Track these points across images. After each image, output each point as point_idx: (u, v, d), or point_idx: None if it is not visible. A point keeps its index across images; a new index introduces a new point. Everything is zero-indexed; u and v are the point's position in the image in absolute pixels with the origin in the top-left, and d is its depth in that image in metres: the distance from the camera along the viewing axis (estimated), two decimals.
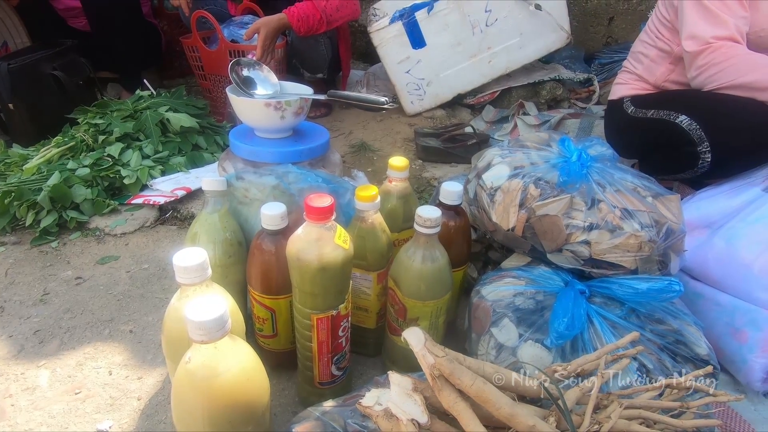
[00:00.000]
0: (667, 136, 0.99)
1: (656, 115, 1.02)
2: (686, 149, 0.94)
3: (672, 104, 1.00)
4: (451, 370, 0.40)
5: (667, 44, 1.05)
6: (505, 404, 0.40)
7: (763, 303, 0.73)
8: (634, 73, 1.15)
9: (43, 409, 0.70)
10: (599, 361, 0.47)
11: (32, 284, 0.97)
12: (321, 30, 1.48)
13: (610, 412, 0.43)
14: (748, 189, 0.84)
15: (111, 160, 1.25)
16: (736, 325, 0.75)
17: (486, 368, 0.44)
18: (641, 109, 1.08)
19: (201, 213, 0.71)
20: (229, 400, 0.45)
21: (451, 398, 0.40)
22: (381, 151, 1.57)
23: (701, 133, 0.92)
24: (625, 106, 1.13)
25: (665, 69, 1.07)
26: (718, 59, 0.89)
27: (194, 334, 0.42)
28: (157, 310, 0.91)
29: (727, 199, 0.85)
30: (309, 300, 0.59)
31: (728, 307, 0.76)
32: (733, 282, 0.76)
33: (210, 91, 1.67)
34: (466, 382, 0.40)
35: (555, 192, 0.68)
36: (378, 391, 0.47)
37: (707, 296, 0.79)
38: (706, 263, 0.80)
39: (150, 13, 1.92)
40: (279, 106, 0.90)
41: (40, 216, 1.11)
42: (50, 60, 1.47)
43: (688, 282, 0.83)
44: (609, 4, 2.26)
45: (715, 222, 0.83)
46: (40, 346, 0.82)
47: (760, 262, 0.73)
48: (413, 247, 0.65)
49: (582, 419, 0.42)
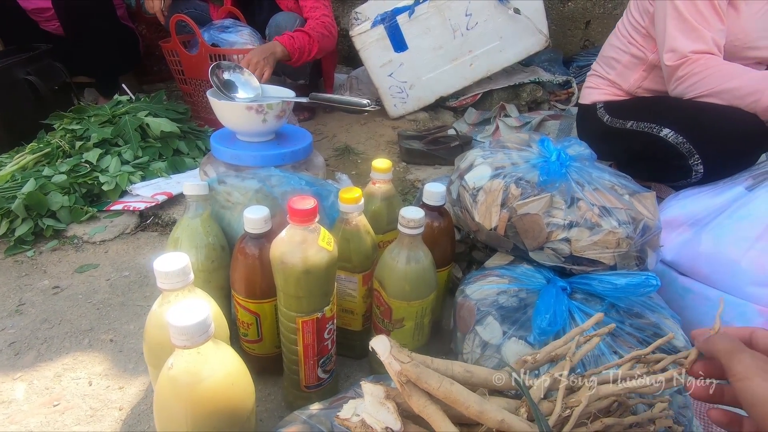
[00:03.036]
0: (653, 150, 0.99)
1: (637, 127, 1.03)
2: (676, 162, 0.96)
3: (653, 116, 1.01)
4: (417, 374, 0.40)
5: (640, 50, 1.06)
6: (473, 402, 0.40)
7: (751, 297, 0.74)
8: (606, 78, 1.15)
9: (19, 423, 0.68)
10: (568, 345, 0.47)
11: (7, 295, 0.94)
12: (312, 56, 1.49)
13: (581, 395, 0.44)
14: (731, 187, 0.85)
15: (89, 166, 1.22)
16: (725, 318, 0.76)
17: (455, 368, 0.44)
18: (618, 119, 1.08)
19: (183, 218, 0.70)
20: (213, 405, 0.44)
21: (420, 402, 0.41)
22: (365, 154, 1.57)
23: (690, 147, 0.93)
24: (599, 114, 1.14)
25: (639, 76, 1.08)
26: (697, 69, 0.92)
27: (177, 340, 0.42)
28: (138, 319, 0.89)
29: (711, 198, 0.86)
30: (294, 303, 0.59)
31: (717, 301, 0.77)
32: (722, 277, 0.78)
33: (191, 95, 1.65)
34: (433, 384, 0.40)
35: (535, 191, 0.69)
36: (355, 402, 0.47)
37: (697, 291, 0.81)
38: (695, 259, 0.82)
39: (126, 16, 1.89)
40: (261, 109, 0.90)
41: (15, 225, 1.08)
42: (24, 65, 1.44)
43: (677, 278, 0.84)
44: (586, 8, 2.32)
45: (701, 219, 0.85)
46: (15, 358, 0.79)
47: (748, 257, 0.75)
48: (397, 248, 0.65)
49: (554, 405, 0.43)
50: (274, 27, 1.57)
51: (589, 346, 0.47)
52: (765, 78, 0.87)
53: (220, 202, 0.75)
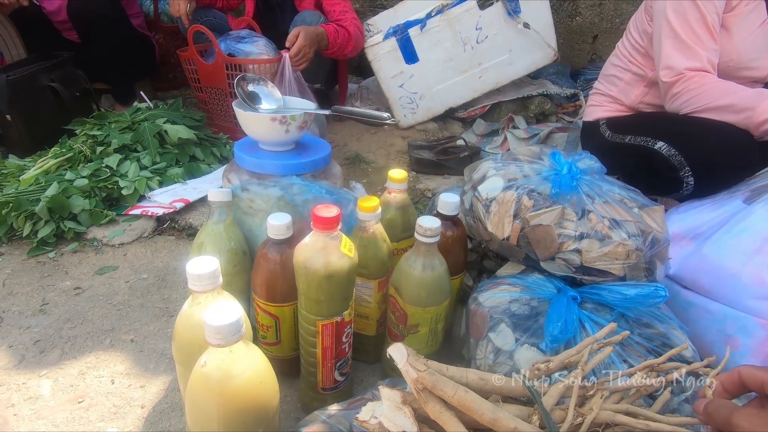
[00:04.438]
0: (648, 162, 1.03)
1: (634, 141, 1.06)
2: (668, 174, 0.99)
3: (648, 130, 1.04)
4: (433, 382, 0.42)
5: (640, 68, 1.11)
6: (487, 410, 0.42)
7: (753, 310, 0.76)
8: (608, 95, 1.19)
9: (46, 418, 0.71)
10: (581, 354, 0.49)
11: (31, 294, 0.97)
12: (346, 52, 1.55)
13: (593, 403, 0.45)
14: (730, 201, 0.87)
15: (109, 171, 1.26)
16: (728, 332, 0.77)
17: (469, 375, 0.46)
18: (618, 134, 1.12)
19: (206, 223, 0.73)
20: (243, 402, 0.47)
21: (436, 409, 0.42)
22: (375, 163, 1.60)
23: (681, 159, 0.96)
24: (601, 129, 1.17)
25: (640, 92, 1.12)
26: (692, 86, 0.95)
27: (211, 338, 0.44)
28: (158, 320, 0.92)
29: (711, 211, 0.88)
30: (314, 307, 0.62)
31: (719, 315, 0.79)
32: (723, 291, 0.79)
33: (206, 103, 1.70)
34: (449, 393, 0.42)
35: (547, 203, 0.71)
36: (373, 405, 0.49)
37: (699, 305, 0.82)
38: (697, 273, 0.83)
39: (143, 24, 1.94)
40: (284, 120, 0.93)
41: (38, 226, 1.12)
42: (48, 72, 1.49)
43: (679, 291, 0.85)
44: (593, 23, 2.35)
45: (703, 233, 0.86)
46: (41, 356, 0.82)
47: (748, 271, 0.76)
48: (414, 255, 0.67)
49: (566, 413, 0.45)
50: (300, 22, 1.60)
51: (602, 355, 0.49)
52: (758, 95, 0.90)
53: (243, 208, 0.78)
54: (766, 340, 0.74)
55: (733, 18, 0.97)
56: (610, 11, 2.31)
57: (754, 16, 0.96)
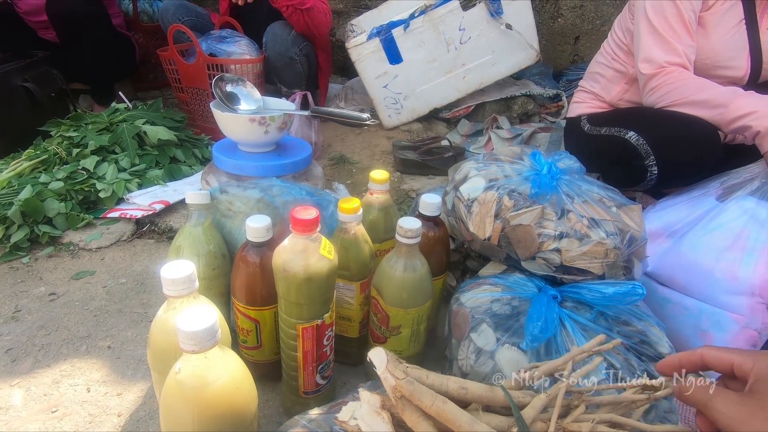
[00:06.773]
0: (619, 152, 1.05)
1: (608, 132, 1.09)
2: (635, 163, 1.00)
3: (623, 121, 1.07)
4: (411, 391, 0.41)
5: (622, 65, 1.14)
6: (464, 422, 0.41)
7: (726, 306, 0.77)
8: (590, 92, 1.22)
9: (17, 429, 0.68)
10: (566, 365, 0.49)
11: (2, 301, 0.94)
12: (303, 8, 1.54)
13: (578, 414, 0.45)
14: (704, 199, 0.89)
15: (86, 173, 1.23)
16: (703, 327, 0.79)
17: (450, 383, 0.45)
18: (596, 127, 1.14)
19: (185, 226, 0.72)
20: (219, 409, 0.46)
21: (413, 418, 0.42)
22: (360, 163, 1.60)
23: (647, 148, 0.98)
24: (582, 124, 1.20)
25: (620, 88, 1.15)
26: (670, 80, 0.97)
27: (185, 344, 0.43)
28: (136, 325, 0.90)
29: (686, 209, 0.90)
30: (294, 310, 0.61)
31: (694, 310, 0.81)
32: (698, 287, 0.81)
33: (187, 103, 1.67)
34: (426, 402, 0.41)
35: (527, 203, 0.72)
36: (354, 405, 0.48)
37: (675, 301, 0.84)
38: (673, 270, 0.85)
39: (123, 24, 1.90)
40: (263, 121, 0.92)
41: (11, 231, 1.08)
42: (21, 71, 1.45)
43: (656, 288, 0.87)
44: (575, 24, 2.38)
45: (678, 230, 0.88)
46: (12, 365, 0.79)
47: (720, 267, 0.78)
48: (395, 256, 0.67)
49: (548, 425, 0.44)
50: (271, 35, 1.61)
51: (590, 366, 0.49)
52: (732, 93, 0.91)
53: (222, 210, 0.76)
54: (739, 334, 0.76)
55: (709, 16, 0.99)
56: (591, 13, 2.34)
57: (731, 15, 0.99)
